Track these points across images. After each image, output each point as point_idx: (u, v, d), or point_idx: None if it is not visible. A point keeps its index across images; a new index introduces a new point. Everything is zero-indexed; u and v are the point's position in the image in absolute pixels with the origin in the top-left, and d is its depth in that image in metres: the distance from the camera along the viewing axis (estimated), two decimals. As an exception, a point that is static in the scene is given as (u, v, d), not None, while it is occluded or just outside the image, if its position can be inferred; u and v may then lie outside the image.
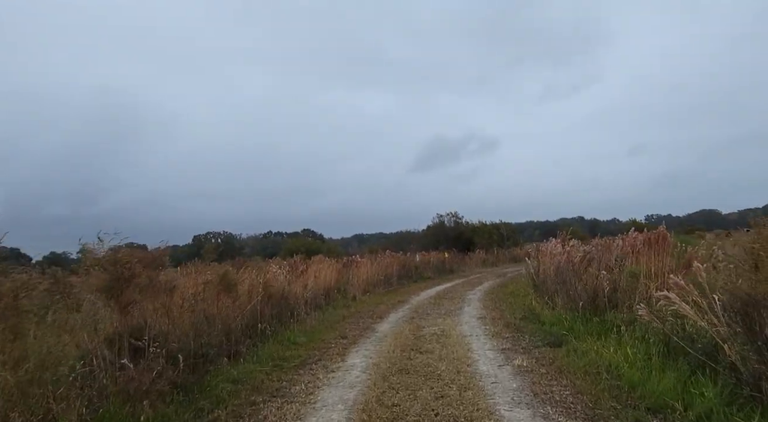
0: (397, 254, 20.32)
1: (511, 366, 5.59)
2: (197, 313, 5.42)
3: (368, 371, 5.68)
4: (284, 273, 10.71)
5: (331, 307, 11.60)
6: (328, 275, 13.87)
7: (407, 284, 17.17)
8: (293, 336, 7.83)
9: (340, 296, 13.13)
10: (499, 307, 10.50)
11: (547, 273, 10.21)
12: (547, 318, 8.05)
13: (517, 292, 12.62)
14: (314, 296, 11.59)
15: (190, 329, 5.05)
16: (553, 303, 8.86)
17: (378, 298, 13.32)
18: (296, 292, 10.12)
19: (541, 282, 11.10)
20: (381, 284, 15.24)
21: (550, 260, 10.53)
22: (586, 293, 7.24)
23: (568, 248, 9.94)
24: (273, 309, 8.49)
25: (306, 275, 11.66)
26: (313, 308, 10.96)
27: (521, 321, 8.49)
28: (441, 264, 21.87)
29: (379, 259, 16.88)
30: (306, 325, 9.00)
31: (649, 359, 4.78)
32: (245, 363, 6.12)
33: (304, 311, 10.01)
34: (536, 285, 11.50)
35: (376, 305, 11.96)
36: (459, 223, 34.60)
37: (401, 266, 18.02)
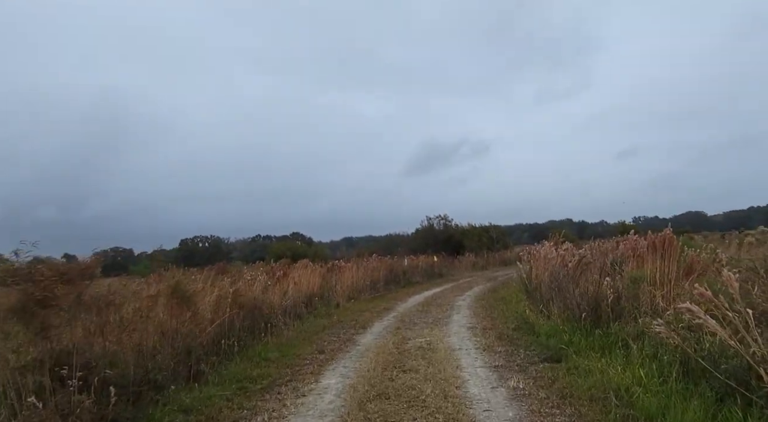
0: (384, 258, 19.61)
1: (506, 387, 4.90)
2: (142, 332, 4.66)
3: (343, 395, 4.95)
4: (261, 280, 9.94)
5: (313, 316, 10.85)
6: (311, 282, 13.11)
7: (395, 289, 16.45)
8: (265, 351, 7.07)
9: (322, 304, 12.38)
10: (490, 315, 9.82)
11: (541, 279, 9.56)
12: (543, 328, 7.38)
13: (508, 298, 11.97)
14: (294, 304, 10.83)
15: (132, 351, 4.28)
16: (548, 312, 8.20)
17: (363, 305, 12.59)
18: (273, 301, 9.36)
19: (533, 288, 10.45)
20: (367, 289, 14.52)
21: (543, 264, 9.89)
22: (586, 301, 6.57)
23: (561, 252, 9.30)
24: (244, 321, 7.72)
25: (285, 282, 10.90)
26: (292, 317, 10.21)
27: (514, 331, 7.81)
28: (430, 268, 21.19)
29: (365, 263, 16.15)
30: (282, 337, 8.25)
31: (664, 382, 4.11)
32: (206, 386, 5.37)
33: (282, 321, 9.25)
34: (529, 291, 10.86)
35: (361, 313, 11.22)
36: (448, 226, 33.95)
37: (389, 271, 17.31)
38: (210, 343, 6.48)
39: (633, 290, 6.61)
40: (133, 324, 4.43)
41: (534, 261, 10.87)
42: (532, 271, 11.18)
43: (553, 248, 9.61)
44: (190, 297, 5.41)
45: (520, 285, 12.98)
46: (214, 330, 6.60)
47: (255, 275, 10.04)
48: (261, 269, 10.94)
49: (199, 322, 5.81)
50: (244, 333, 7.54)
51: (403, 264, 19.80)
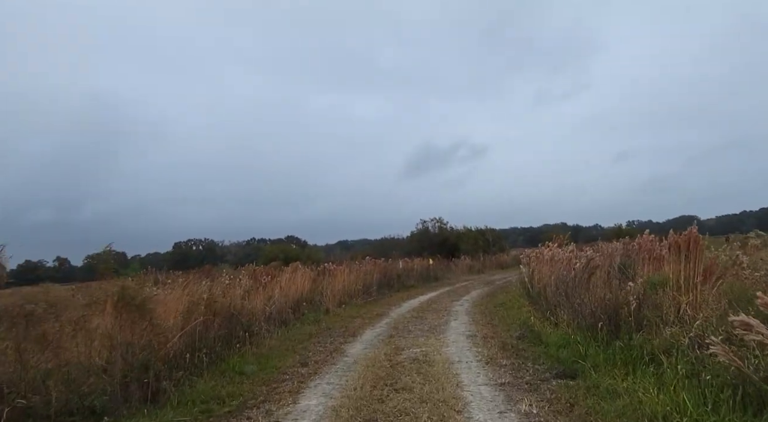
0: (378, 261, 18.79)
1: (516, 412, 4.10)
2: (80, 347, 3.84)
3: (324, 421, 4.14)
4: (244, 284, 9.12)
5: (300, 322, 10.02)
6: (299, 286, 12.29)
7: (388, 293, 15.64)
8: (242, 364, 6.24)
9: (311, 310, 11.55)
10: (491, 321, 9.03)
11: (546, 283, 8.79)
12: (551, 338, 6.60)
13: (508, 303, 11.19)
14: (280, 310, 10.01)
15: (60, 372, 3.47)
16: (555, 319, 7.42)
17: (355, 310, 11.77)
18: (255, 307, 8.53)
19: (537, 293, 9.68)
20: (359, 294, 13.70)
21: (549, 268, 9.11)
22: (602, 309, 5.79)
23: (568, 254, 8.54)
24: (220, 330, 6.90)
25: (270, 287, 10.07)
26: (277, 324, 9.38)
27: (519, 340, 7.03)
28: (425, 271, 20.39)
29: (357, 267, 15.33)
30: (263, 347, 7.42)
31: (714, 411, 3.33)
32: (163, 409, 4.54)
33: (265, 328, 8.43)
34: (531, 296, 10.09)
35: (352, 319, 10.41)
36: (443, 229, 33.23)
37: (382, 274, 16.49)
38: (176, 356, 5.66)
39: (653, 296, 5.86)
40: (60, 339, 3.61)
41: (537, 264, 10.11)
42: (534, 274, 10.41)
43: (559, 250, 8.83)
44: (142, 305, 4.58)
45: (520, 290, 12.21)
46: (181, 341, 5.77)
47: (237, 279, 9.20)
48: (244, 272, 10.09)
49: (160, 332, 4.97)
50: (219, 343, 6.72)
51: (398, 267, 19.00)
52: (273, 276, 10.32)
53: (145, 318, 4.65)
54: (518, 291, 12.30)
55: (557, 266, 8.30)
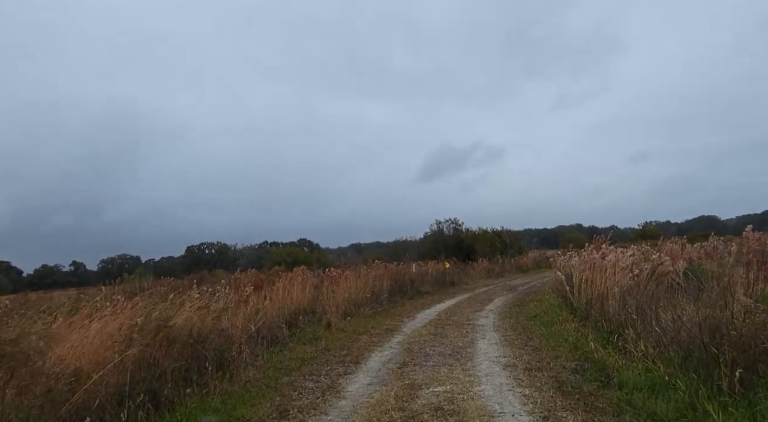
0: (390, 265, 16.92)
1: None
2: None
3: None
4: (224, 297, 7.30)
5: (295, 341, 8.18)
6: (297, 295, 10.47)
7: (401, 301, 13.73)
8: (197, 414, 4.42)
9: (311, 323, 9.72)
10: (529, 342, 7.08)
11: (600, 293, 6.82)
12: (627, 375, 4.64)
13: (544, 316, 9.21)
14: (271, 326, 8.20)
15: None
16: (623, 344, 5.46)
17: (361, 324, 9.90)
18: (234, 326, 6.70)
19: (584, 306, 7.71)
20: (367, 303, 11.82)
21: (601, 275, 7.14)
22: (716, 337, 3.81)
23: (630, 258, 6.57)
24: (177, 361, 5.08)
25: (258, 299, 8.24)
26: (266, 344, 7.57)
27: (578, 376, 5.09)
28: (441, 276, 18.43)
29: (366, 271, 13.46)
30: (238, 381, 5.59)
31: None
32: None
33: (247, 352, 6.60)
34: (576, 309, 8.11)
35: (356, 336, 8.53)
36: (458, 230, 31.21)
37: (394, 280, 14.59)
38: (96, 408, 3.84)
39: None
40: None
41: (585, 270, 8.13)
42: (578, 282, 8.43)
43: (620, 253, 6.84)
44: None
45: (556, 299, 10.23)
46: (105, 387, 3.96)
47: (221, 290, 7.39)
48: (223, 283, 8.24)
49: (49, 375, 3.16)
50: (170, 383, 4.89)
51: (411, 272, 17.08)
52: (261, 286, 8.48)
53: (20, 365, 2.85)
54: (553, 301, 10.32)
55: (620, 273, 6.32)
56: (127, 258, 74.06)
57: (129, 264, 71.37)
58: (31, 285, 56.00)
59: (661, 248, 8.45)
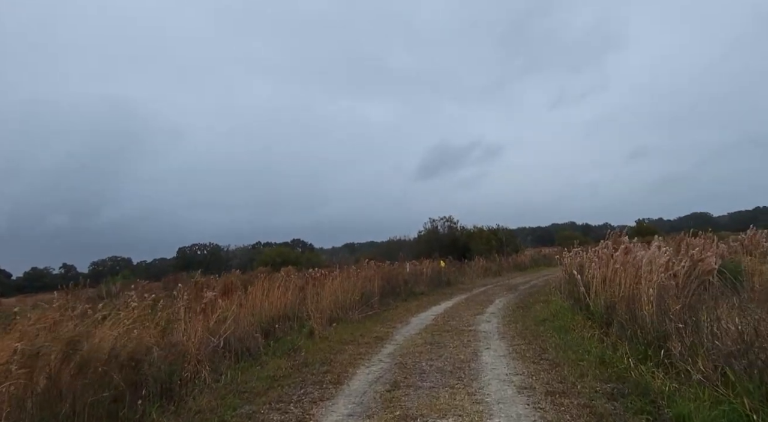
0: (382, 264, 15.73)
1: None
2: None
3: None
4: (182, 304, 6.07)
5: (269, 354, 6.97)
6: (277, 300, 9.26)
7: (393, 303, 12.53)
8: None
9: (292, 331, 8.52)
10: (543, 354, 5.91)
11: (627, 296, 5.66)
12: (689, 409, 3.47)
13: (553, 319, 8.06)
14: (243, 336, 7.00)
15: None
16: (668, 361, 4.30)
17: (348, 330, 8.70)
18: (190, 339, 5.49)
19: (604, 310, 6.55)
20: (356, 306, 10.62)
21: (627, 274, 5.98)
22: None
23: (665, 255, 5.41)
24: (98, 391, 3.86)
25: (228, 304, 7.02)
26: (233, 359, 6.36)
27: (616, 404, 3.92)
28: (436, 275, 17.26)
29: (355, 272, 12.26)
30: (185, 413, 4.37)
31: None
32: None
33: (205, 372, 5.40)
34: (593, 313, 6.95)
35: (341, 346, 7.34)
36: (453, 228, 30.06)
37: (386, 280, 13.39)
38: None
39: None
40: None
41: (601, 268, 6.97)
42: (594, 282, 7.28)
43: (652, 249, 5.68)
44: None
45: (567, 300, 9.08)
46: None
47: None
48: (181, 288, 6.98)
49: None
50: (90, 418, 3.68)
51: (405, 272, 15.89)
52: (231, 290, 7.25)
53: None
54: (562, 302, 9.16)
55: (655, 272, 5.16)
56: (118, 260, 72.25)
57: (120, 266, 69.70)
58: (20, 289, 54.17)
59: (684, 244, 7.31)
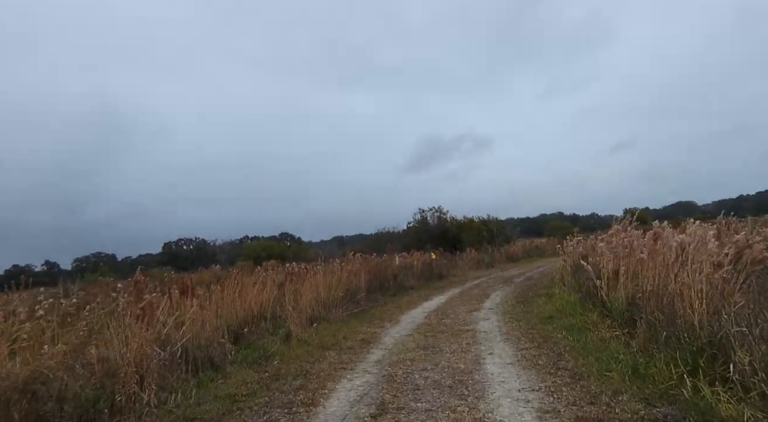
0: (369, 257, 14.68)
1: None
2: None
3: None
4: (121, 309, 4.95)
5: (238, 362, 5.90)
6: (252, 298, 8.17)
7: (382, 299, 11.51)
8: None
9: (267, 334, 7.45)
10: (560, 361, 4.92)
11: (660, 293, 4.68)
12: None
13: (561, 317, 7.10)
14: (205, 344, 5.91)
15: None
16: (730, 376, 3.32)
17: (330, 332, 7.65)
18: (130, 352, 4.39)
19: (624, 306, 5.59)
20: (341, 303, 9.57)
21: (654, 264, 5.01)
22: None
23: (710, 240, 4.44)
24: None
25: (188, 305, 5.91)
26: (190, 372, 5.29)
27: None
28: (427, 268, 16.28)
29: (339, 266, 11.20)
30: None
31: None
32: None
33: (150, 392, 4.32)
34: (610, 309, 5.97)
35: (322, 351, 6.30)
36: (443, 219, 29.09)
37: (374, 274, 12.36)
38: None
39: None
40: None
41: (620, 257, 6.00)
42: (607, 276, 6.31)
43: (696, 233, 4.69)
44: None
45: (571, 294, 8.12)
46: None
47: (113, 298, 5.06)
48: (120, 287, 5.79)
49: None
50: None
51: (394, 265, 14.87)
52: (188, 289, 6.12)
53: None
54: (568, 297, 8.21)
55: (701, 262, 4.18)
56: (102, 256, 70.17)
57: (104, 263, 67.81)
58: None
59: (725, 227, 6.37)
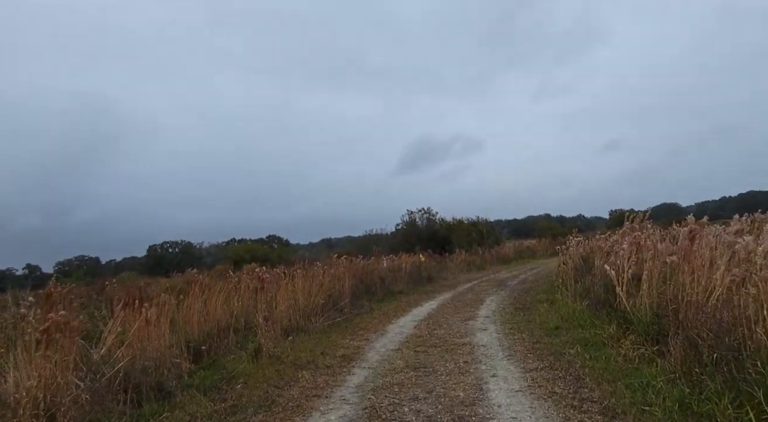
0: (356, 260, 13.67)
1: None
2: None
3: None
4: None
5: (192, 388, 4.87)
6: (221, 308, 7.13)
7: (368, 305, 10.51)
8: None
9: (234, 348, 6.42)
10: (581, 388, 3.98)
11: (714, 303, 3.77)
12: None
13: (569, 327, 6.20)
14: (151, 367, 4.88)
15: None
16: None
17: (308, 345, 6.64)
18: (24, 388, 3.34)
19: (649, 318, 4.68)
20: (322, 311, 8.55)
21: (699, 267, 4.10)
22: None
23: None
24: None
25: (135, 320, 4.85)
26: (128, 403, 4.26)
27: None
28: (416, 271, 15.32)
29: (321, 270, 10.18)
30: None
31: None
32: None
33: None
34: (631, 321, 5.06)
35: (294, 372, 5.29)
36: (432, 220, 28.18)
37: (359, 278, 11.37)
38: None
39: None
40: None
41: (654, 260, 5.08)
42: (627, 284, 5.40)
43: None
44: None
45: (577, 300, 7.22)
46: None
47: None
48: (32, 299, 4.72)
49: None
50: None
51: (381, 268, 13.88)
52: (135, 300, 5.05)
53: None
54: (574, 304, 7.30)
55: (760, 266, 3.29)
56: (86, 260, 68.05)
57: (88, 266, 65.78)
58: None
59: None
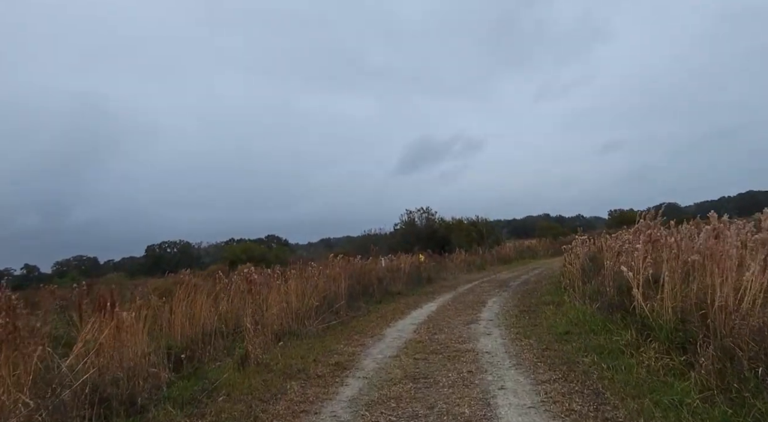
0: (353, 260, 13.19)
1: None
2: None
3: None
4: None
5: (169, 401, 4.40)
6: (207, 311, 6.66)
7: (365, 307, 10.04)
8: None
9: (218, 355, 5.95)
10: (603, 405, 3.52)
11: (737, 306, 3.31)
12: None
13: (579, 332, 5.74)
14: (119, 378, 4.40)
15: None
16: None
17: (300, 351, 6.16)
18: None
19: (672, 324, 4.21)
20: (316, 314, 8.08)
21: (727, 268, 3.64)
22: None
23: None
24: None
25: (103, 327, 4.37)
26: (97, 417, 3.78)
27: None
28: (415, 272, 14.85)
29: (316, 271, 9.70)
30: None
31: None
32: None
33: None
34: (651, 327, 4.58)
35: (283, 382, 4.81)
36: (432, 220, 27.71)
37: (356, 279, 10.90)
38: None
39: None
40: None
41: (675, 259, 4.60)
42: (636, 280, 4.92)
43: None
44: None
45: (589, 304, 6.75)
46: None
47: None
48: None
49: None
50: None
51: (380, 268, 13.41)
52: (106, 305, 4.57)
53: None
54: (583, 307, 6.83)
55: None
56: (84, 260, 67.42)
57: (86, 266, 65.21)
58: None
59: None
